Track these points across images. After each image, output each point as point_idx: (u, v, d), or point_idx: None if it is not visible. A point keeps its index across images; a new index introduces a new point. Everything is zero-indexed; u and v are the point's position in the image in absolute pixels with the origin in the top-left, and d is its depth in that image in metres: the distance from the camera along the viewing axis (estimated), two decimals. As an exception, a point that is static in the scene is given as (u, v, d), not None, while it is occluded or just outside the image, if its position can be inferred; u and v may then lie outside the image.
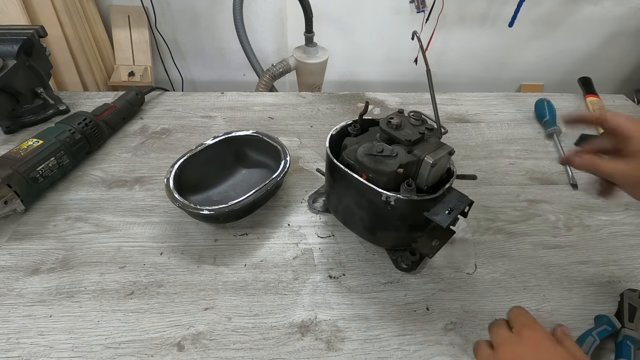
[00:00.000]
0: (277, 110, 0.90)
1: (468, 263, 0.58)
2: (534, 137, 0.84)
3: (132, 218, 0.63)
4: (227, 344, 0.48)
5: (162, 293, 0.53)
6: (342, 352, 0.48)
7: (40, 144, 0.64)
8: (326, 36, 1.52)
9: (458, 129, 0.86)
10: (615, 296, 0.54)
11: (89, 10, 1.42)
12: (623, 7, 1.61)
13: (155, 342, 0.48)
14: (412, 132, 0.50)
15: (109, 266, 0.56)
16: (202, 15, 1.56)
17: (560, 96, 0.98)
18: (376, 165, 0.48)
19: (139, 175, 0.71)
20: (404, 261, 0.56)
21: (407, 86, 1.76)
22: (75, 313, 0.50)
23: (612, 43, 1.73)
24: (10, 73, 0.73)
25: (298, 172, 0.73)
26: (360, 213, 0.53)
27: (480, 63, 1.76)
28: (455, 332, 0.50)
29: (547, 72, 1.82)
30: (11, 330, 0.48)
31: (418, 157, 0.48)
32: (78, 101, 0.89)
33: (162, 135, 0.81)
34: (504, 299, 0.54)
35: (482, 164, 0.77)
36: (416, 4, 1.53)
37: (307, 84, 1.45)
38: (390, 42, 1.66)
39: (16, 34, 0.76)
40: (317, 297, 0.53)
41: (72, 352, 0.46)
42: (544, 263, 0.59)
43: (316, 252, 0.59)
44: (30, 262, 0.56)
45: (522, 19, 1.52)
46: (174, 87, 1.75)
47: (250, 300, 0.52)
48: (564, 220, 0.66)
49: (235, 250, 0.59)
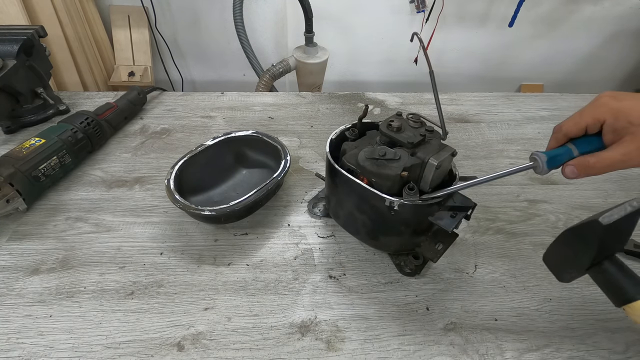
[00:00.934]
0: (277, 110, 0.90)
1: (468, 263, 0.58)
2: (534, 137, 0.84)
3: (132, 218, 0.63)
4: (227, 344, 0.48)
5: (162, 293, 0.53)
6: (342, 352, 0.48)
7: (42, 143, 0.64)
8: (326, 36, 1.52)
9: (458, 129, 0.86)
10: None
11: (89, 10, 1.42)
12: (623, 7, 1.62)
13: (155, 342, 0.48)
14: (413, 134, 0.49)
15: (109, 266, 0.56)
16: (202, 15, 1.56)
17: (560, 96, 0.98)
18: (379, 169, 0.47)
19: (139, 175, 0.71)
20: (408, 265, 0.56)
21: (407, 86, 1.76)
22: (75, 313, 0.50)
23: (612, 43, 1.73)
24: (10, 73, 0.73)
25: (298, 172, 0.73)
26: (362, 218, 0.53)
27: (480, 63, 1.76)
28: (455, 332, 0.50)
29: (547, 72, 1.82)
30: (11, 330, 0.48)
31: (422, 160, 0.47)
32: (78, 101, 0.89)
33: (162, 135, 0.81)
34: (504, 299, 0.54)
35: (482, 164, 0.77)
36: (416, 4, 1.53)
37: (307, 84, 1.45)
38: (390, 42, 1.66)
39: (16, 34, 0.76)
40: (317, 297, 0.53)
41: (72, 352, 0.46)
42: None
43: (316, 252, 0.59)
44: (30, 262, 0.56)
45: (522, 19, 1.53)
46: (174, 87, 1.75)
47: (250, 300, 0.52)
48: (564, 220, 0.66)
49: (235, 250, 0.59)
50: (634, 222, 0.35)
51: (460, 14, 1.59)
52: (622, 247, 0.36)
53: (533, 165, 0.42)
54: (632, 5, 1.61)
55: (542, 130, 0.86)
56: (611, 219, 0.33)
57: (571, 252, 0.38)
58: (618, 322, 0.51)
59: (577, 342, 0.49)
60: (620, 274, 0.36)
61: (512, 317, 0.52)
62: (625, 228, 0.35)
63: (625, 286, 0.35)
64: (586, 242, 0.36)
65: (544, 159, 0.41)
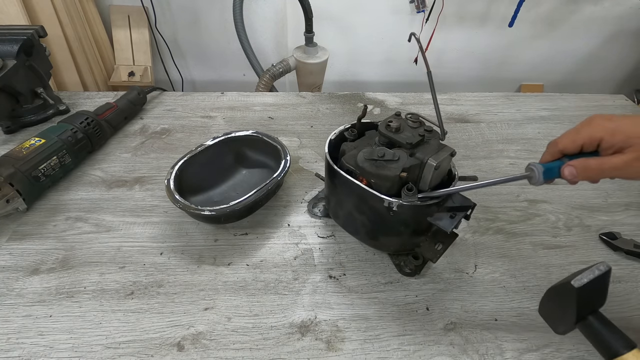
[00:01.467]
0: (277, 110, 0.90)
1: (468, 263, 0.58)
2: (534, 137, 0.84)
3: (132, 218, 0.63)
4: (227, 344, 0.48)
5: (162, 293, 0.53)
6: (342, 352, 0.48)
7: (42, 143, 0.64)
8: (326, 36, 1.52)
9: (458, 129, 0.86)
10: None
11: (89, 10, 1.42)
12: (623, 7, 1.62)
13: (155, 342, 0.48)
14: (411, 134, 0.49)
15: (108, 266, 0.56)
16: (202, 15, 1.56)
17: (560, 96, 0.98)
18: (378, 170, 0.47)
19: (139, 175, 0.71)
20: (408, 266, 0.56)
21: (407, 86, 1.76)
22: (75, 313, 0.50)
23: (612, 43, 1.73)
24: (10, 73, 0.73)
25: (298, 172, 0.73)
26: (361, 219, 0.53)
27: (480, 63, 1.76)
28: (455, 332, 0.50)
29: (547, 72, 1.82)
30: (11, 330, 0.48)
31: (421, 160, 0.47)
32: (78, 101, 0.89)
33: (162, 135, 0.81)
34: (504, 299, 0.54)
35: (482, 164, 0.77)
36: (416, 4, 1.53)
37: (307, 84, 1.45)
38: (390, 42, 1.66)
39: (16, 34, 0.77)
40: (317, 297, 0.53)
41: (72, 352, 0.46)
42: (544, 263, 0.59)
43: (316, 252, 0.59)
44: (30, 262, 0.56)
45: (522, 19, 1.53)
46: (174, 87, 1.75)
47: (250, 300, 0.52)
48: (564, 220, 0.66)
49: (235, 250, 0.59)
50: (606, 281, 0.39)
51: (460, 14, 1.59)
52: (603, 303, 0.41)
53: (529, 176, 0.43)
54: (632, 5, 1.61)
55: (542, 130, 0.86)
56: (582, 282, 0.37)
57: (557, 308, 0.42)
58: (618, 322, 0.51)
59: (577, 342, 0.49)
60: (605, 329, 0.39)
61: (512, 317, 0.52)
62: (599, 287, 0.39)
63: (610, 341, 0.38)
64: (566, 300, 0.39)
65: (541, 169, 0.42)
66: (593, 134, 0.41)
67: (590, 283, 0.37)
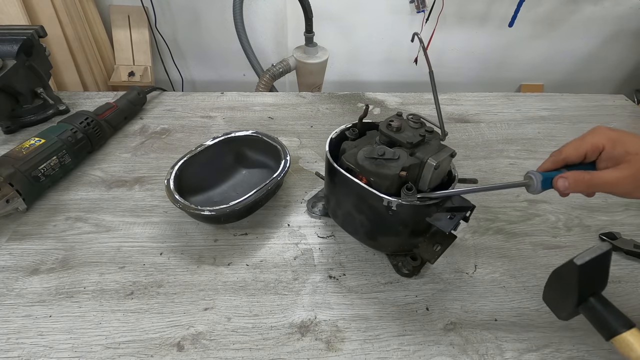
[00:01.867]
0: (277, 110, 0.90)
1: (468, 263, 0.58)
2: (534, 137, 0.84)
3: (132, 218, 0.63)
4: (226, 344, 0.48)
5: (161, 293, 0.53)
6: (342, 352, 0.48)
7: (42, 143, 0.64)
8: (326, 36, 1.52)
9: (458, 129, 0.86)
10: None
11: (89, 10, 1.43)
12: (623, 7, 1.62)
13: (155, 342, 0.48)
14: (412, 134, 0.49)
15: (108, 266, 0.56)
16: (202, 15, 1.56)
17: (560, 96, 0.98)
18: (378, 168, 0.47)
19: (138, 175, 0.71)
20: (405, 266, 0.56)
21: (407, 86, 1.76)
22: (75, 313, 0.50)
23: (612, 43, 1.73)
24: (10, 73, 0.73)
25: (298, 172, 0.73)
26: (360, 218, 0.53)
27: (480, 63, 1.76)
28: (455, 332, 0.50)
29: (547, 72, 1.82)
30: (11, 330, 0.48)
31: (421, 160, 0.47)
32: (78, 101, 0.89)
33: (162, 135, 0.81)
34: (504, 299, 0.54)
35: (482, 164, 0.77)
36: (416, 4, 1.53)
37: (307, 84, 1.45)
38: (390, 42, 1.66)
39: (16, 34, 0.76)
40: (317, 297, 0.53)
41: (72, 352, 0.46)
42: (544, 263, 0.59)
43: (316, 252, 0.59)
44: (30, 262, 0.56)
45: (522, 19, 1.53)
46: (174, 87, 1.75)
47: (250, 300, 0.52)
48: (564, 220, 0.66)
49: (235, 250, 0.59)
50: (607, 262, 0.40)
51: (460, 14, 1.59)
52: (604, 286, 0.42)
53: (527, 184, 0.43)
54: (632, 5, 1.61)
55: (542, 130, 0.86)
56: (583, 260, 0.38)
57: (559, 290, 0.42)
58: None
59: (577, 342, 0.49)
60: (605, 310, 0.40)
61: (512, 317, 0.52)
62: (600, 267, 0.40)
63: (610, 321, 0.39)
64: (568, 281, 0.40)
65: (540, 178, 0.42)
66: (596, 142, 0.42)
67: (592, 261, 0.38)
